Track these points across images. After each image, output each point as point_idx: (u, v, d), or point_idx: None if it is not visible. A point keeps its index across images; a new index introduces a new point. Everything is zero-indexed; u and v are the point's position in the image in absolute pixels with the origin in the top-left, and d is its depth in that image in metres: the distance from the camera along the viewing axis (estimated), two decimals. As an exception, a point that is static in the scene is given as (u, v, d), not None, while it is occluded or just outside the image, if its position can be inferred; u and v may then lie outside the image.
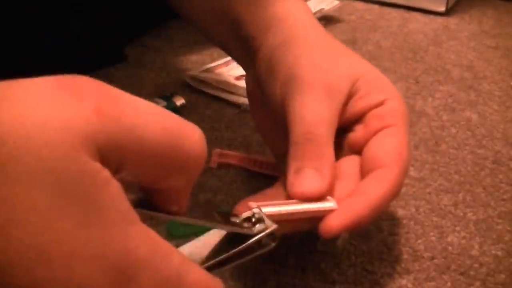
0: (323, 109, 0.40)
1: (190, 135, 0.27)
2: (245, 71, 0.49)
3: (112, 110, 0.24)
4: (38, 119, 0.22)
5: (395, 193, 0.39)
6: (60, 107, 0.22)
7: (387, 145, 0.40)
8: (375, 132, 0.41)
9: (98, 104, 0.23)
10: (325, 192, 0.37)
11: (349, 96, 0.41)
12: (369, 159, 0.40)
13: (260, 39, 0.45)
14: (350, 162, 0.41)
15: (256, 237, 0.33)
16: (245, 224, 0.34)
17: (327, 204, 0.37)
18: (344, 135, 0.42)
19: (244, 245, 0.33)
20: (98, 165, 0.23)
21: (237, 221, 0.34)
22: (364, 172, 0.40)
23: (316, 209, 0.36)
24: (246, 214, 0.34)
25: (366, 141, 0.41)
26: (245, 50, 0.47)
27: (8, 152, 0.21)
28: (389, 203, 0.40)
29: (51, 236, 0.21)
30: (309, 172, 0.38)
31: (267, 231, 0.34)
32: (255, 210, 0.34)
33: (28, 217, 0.21)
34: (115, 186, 0.23)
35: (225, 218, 0.33)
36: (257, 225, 0.33)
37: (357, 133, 0.42)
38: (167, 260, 0.25)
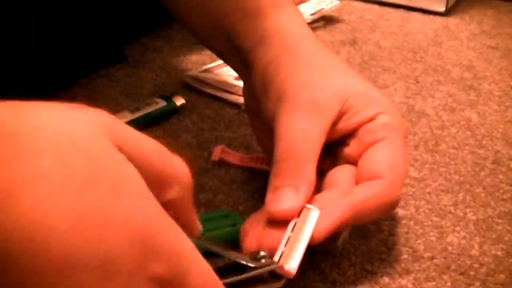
0: (306, 128, 0.41)
1: (176, 157, 0.30)
2: (243, 81, 0.49)
3: (119, 121, 0.28)
4: (69, 117, 0.26)
5: (386, 201, 0.40)
6: (82, 112, 0.26)
7: (380, 157, 0.41)
8: (368, 146, 0.42)
9: (110, 115, 0.27)
10: (301, 207, 0.39)
11: (341, 114, 0.42)
12: (363, 172, 0.41)
13: (254, 53, 0.46)
14: (344, 171, 0.42)
15: (257, 271, 0.35)
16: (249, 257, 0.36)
17: (314, 216, 0.38)
18: (340, 148, 0.43)
19: (245, 274, 0.35)
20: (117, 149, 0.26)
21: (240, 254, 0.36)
22: (358, 184, 0.41)
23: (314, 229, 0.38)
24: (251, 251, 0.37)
25: (360, 154, 0.42)
26: (241, 62, 0.47)
27: (46, 137, 0.24)
28: (381, 210, 0.40)
29: (86, 206, 0.23)
30: (285, 190, 0.39)
31: (269, 267, 0.35)
32: (262, 253, 0.36)
33: (66, 189, 0.23)
34: (132, 166, 0.26)
35: (226, 248, 0.35)
36: (262, 260, 0.36)
37: (351, 147, 0.43)
38: (183, 237, 0.27)
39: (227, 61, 0.52)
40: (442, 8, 0.87)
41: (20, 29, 0.58)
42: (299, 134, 0.40)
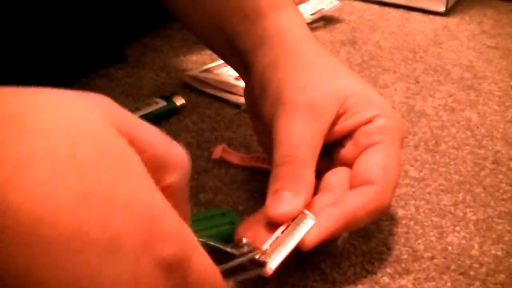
0: (304, 131, 0.41)
1: (175, 143, 0.30)
2: (244, 81, 0.49)
3: (121, 108, 0.27)
4: (72, 101, 0.26)
5: (377, 207, 0.40)
6: (85, 96, 0.27)
7: (373, 161, 0.41)
8: (364, 149, 0.42)
9: (111, 101, 0.27)
10: (300, 211, 0.39)
11: (338, 116, 0.42)
12: (356, 176, 0.41)
13: (253, 55, 0.46)
14: (339, 174, 0.42)
15: (240, 259, 0.36)
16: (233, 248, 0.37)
17: (309, 224, 0.38)
18: (336, 150, 0.43)
19: (229, 263, 0.35)
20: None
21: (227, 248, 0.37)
22: (351, 188, 0.41)
23: (305, 234, 0.38)
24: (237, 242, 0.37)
25: (355, 156, 0.42)
26: (242, 63, 0.47)
27: (51, 118, 0.24)
28: (372, 216, 0.40)
29: (90, 184, 0.24)
30: (285, 193, 0.39)
31: (250, 255, 0.36)
32: (244, 240, 0.37)
33: (70, 168, 0.23)
34: (133, 151, 0.26)
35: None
36: (244, 248, 0.36)
37: (347, 149, 0.43)
38: (183, 222, 0.27)
39: (228, 62, 0.52)
40: (442, 8, 0.87)
41: (20, 29, 0.58)
42: (298, 138, 0.41)
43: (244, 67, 0.47)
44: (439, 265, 0.44)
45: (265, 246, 0.37)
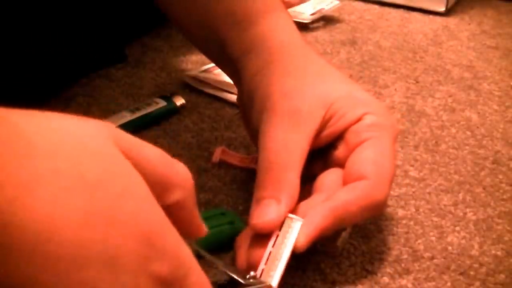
0: (288, 138, 0.41)
1: (178, 162, 0.30)
2: (237, 88, 0.49)
3: (125, 132, 0.28)
4: (79, 124, 0.27)
5: (371, 202, 0.40)
6: (90, 121, 0.27)
7: (363, 157, 0.41)
8: (355, 147, 0.42)
9: (114, 126, 0.28)
10: (283, 218, 0.39)
11: (325, 120, 0.42)
12: (349, 174, 0.41)
13: (243, 62, 0.46)
14: (332, 175, 0.42)
15: None
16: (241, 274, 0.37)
17: (297, 227, 0.38)
18: (330, 152, 0.43)
19: None
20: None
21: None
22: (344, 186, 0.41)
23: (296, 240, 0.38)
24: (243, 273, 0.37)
25: (348, 156, 0.42)
26: (233, 69, 0.47)
27: (59, 138, 0.25)
28: (366, 211, 0.40)
29: (95, 204, 0.24)
30: (267, 202, 0.39)
31: (258, 286, 0.36)
32: (252, 273, 0.37)
33: (77, 188, 0.24)
34: (137, 173, 0.27)
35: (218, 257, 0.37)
36: (251, 277, 0.37)
37: (339, 150, 0.43)
38: (182, 242, 0.28)
39: (220, 67, 0.53)
40: (442, 8, 0.87)
41: (20, 29, 0.58)
42: (280, 144, 0.41)
43: (235, 72, 0.47)
44: (439, 265, 0.44)
45: (261, 266, 0.37)
